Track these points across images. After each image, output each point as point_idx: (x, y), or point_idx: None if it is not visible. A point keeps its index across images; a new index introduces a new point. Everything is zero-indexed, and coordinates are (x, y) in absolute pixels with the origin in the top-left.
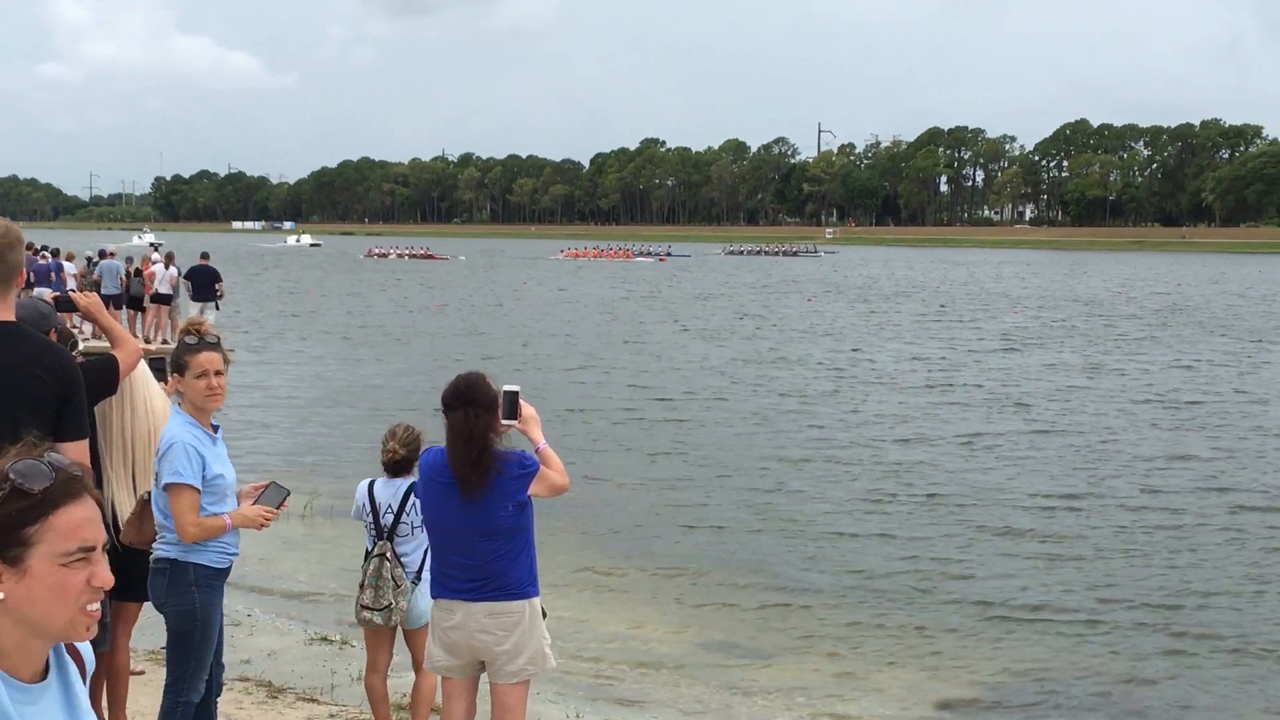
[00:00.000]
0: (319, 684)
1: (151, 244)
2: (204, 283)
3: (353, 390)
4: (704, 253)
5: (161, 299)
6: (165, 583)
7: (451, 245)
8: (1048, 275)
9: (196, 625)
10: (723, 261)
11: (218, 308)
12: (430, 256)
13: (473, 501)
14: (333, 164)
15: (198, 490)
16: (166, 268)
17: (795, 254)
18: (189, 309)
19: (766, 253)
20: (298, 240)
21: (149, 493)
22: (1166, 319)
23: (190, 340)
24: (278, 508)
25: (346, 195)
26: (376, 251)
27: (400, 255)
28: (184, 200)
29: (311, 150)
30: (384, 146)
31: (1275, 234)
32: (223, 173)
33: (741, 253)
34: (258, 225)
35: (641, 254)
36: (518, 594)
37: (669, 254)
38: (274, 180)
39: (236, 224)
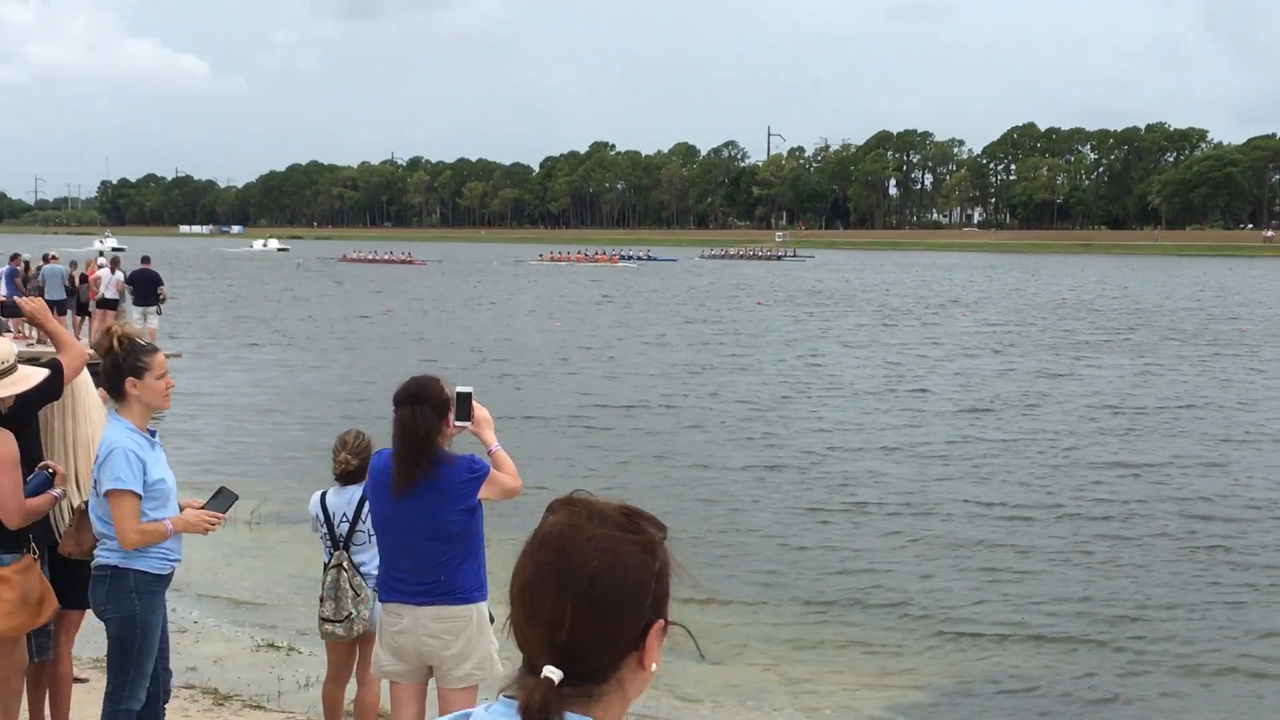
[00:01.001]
0: (265, 691)
1: (114, 249)
2: (145, 287)
3: (301, 395)
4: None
5: (107, 304)
6: (105, 590)
7: (407, 249)
8: (1007, 278)
9: (137, 632)
10: (700, 265)
11: (159, 312)
12: (408, 261)
13: (421, 503)
14: (281, 168)
15: (139, 496)
16: (112, 273)
17: (780, 258)
18: (132, 314)
19: (746, 257)
20: (264, 245)
21: (86, 502)
22: (1129, 322)
23: (142, 342)
24: (224, 512)
25: (295, 199)
26: (352, 256)
27: (376, 260)
28: (130, 204)
29: (259, 154)
30: (332, 150)
31: (1220, 237)
32: (170, 176)
33: (719, 256)
34: (205, 229)
35: (626, 258)
36: (465, 598)
37: (649, 258)
38: (221, 184)
39: (184, 228)
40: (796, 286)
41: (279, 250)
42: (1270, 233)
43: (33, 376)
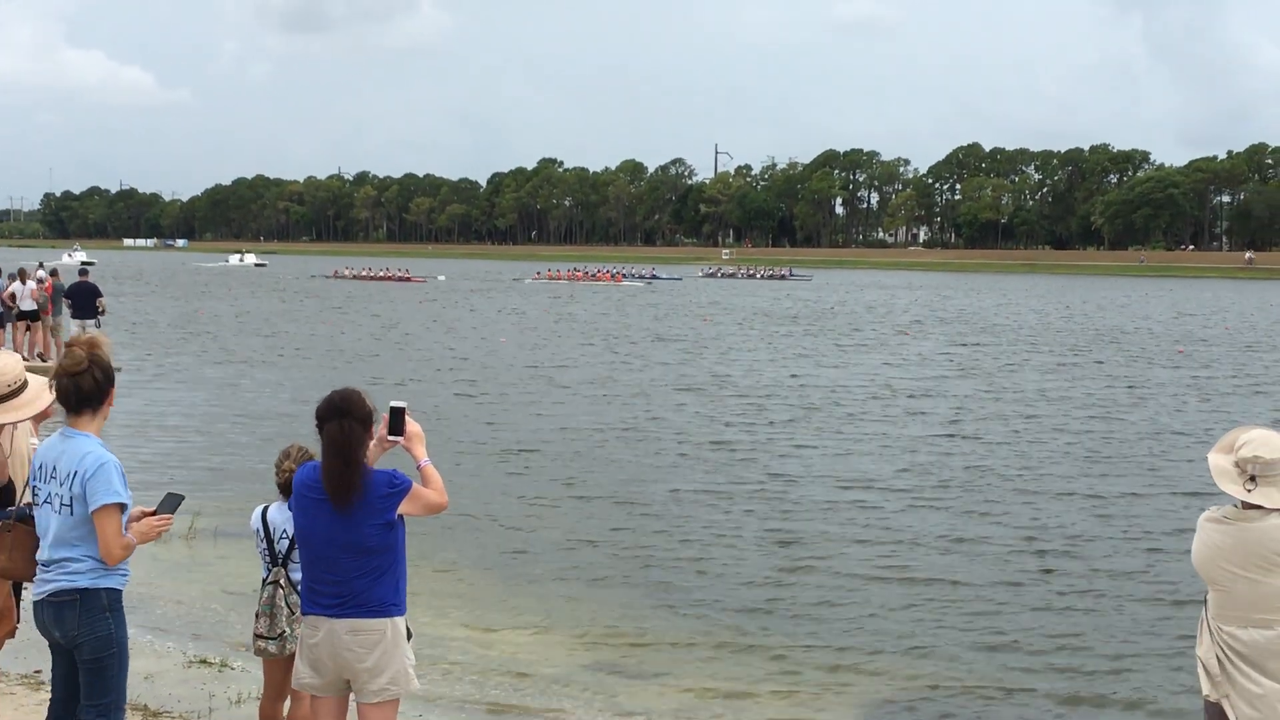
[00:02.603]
0: (197, 707)
1: (84, 262)
2: (85, 300)
3: (242, 409)
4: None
5: (27, 316)
6: (78, 614)
7: (404, 265)
8: (963, 298)
9: (114, 651)
10: (704, 285)
11: (99, 325)
12: (407, 279)
13: (340, 516)
14: (226, 181)
15: (126, 508)
16: (23, 283)
17: (784, 278)
18: (71, 327)
19: (749, 275)
20: (241, 259)
21: (9, 524)
22: (1081, 342)
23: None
24: (172, 513)
25: (240, 213)
26: (345, 273)
27: (372, 277)
28: (74, 217)
29: (205, 167)
30: (279, 164)
31: (1163, 257)
32: (114, 189)
33: (718, 275)
34: (149, 243)
35: (632, 277)
36: (380, 612)
37: (655, 276)
38: (166, 197)
39: (128, 241)
40: (800, 308)
41: (256, 265)
42: (1250, 255)
43: (43, 398)
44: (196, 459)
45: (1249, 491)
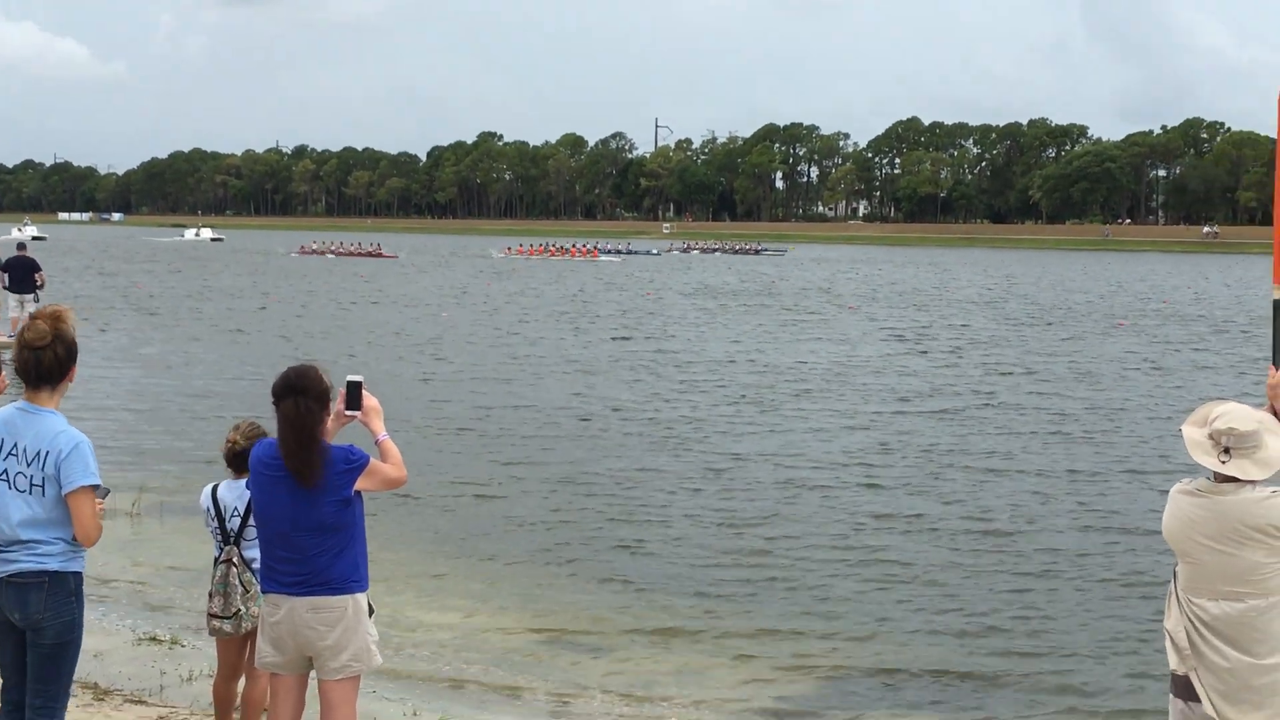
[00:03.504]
0: (148, 685)
1: (34, 237)
2: (22, 274)
3: (184, 385)
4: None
5: None
6: (45, 597)
7: (375, 240)
8: (906, 272)
9: (75, 637)
10: (674, 259)
11: (37, 300)
12: (378, 255)
13: (298, 493)
14: (163, 154)
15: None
16: None
17: (759, 252)
18: (9, 302)
19: (724, 251)
20: (197, 234)
21: None
22: (1028, 315)
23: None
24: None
25: (177, 187)
26: (311, 248)
27: (339, 253)
28: (7, 190)
29: (141, 140)
30: (216, 138)
31: (1099, 231)
32: (48, 163)
33: (692, 250)
34: (85, 217)
35: (608, 252)
36: (341, 589)
37: (629, 251)
38: (102, 170)
39: (63, 215)
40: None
41: (212, 240)
42: (1208, 229)
43: None
44: (141, 435)
45: (1223, 464)
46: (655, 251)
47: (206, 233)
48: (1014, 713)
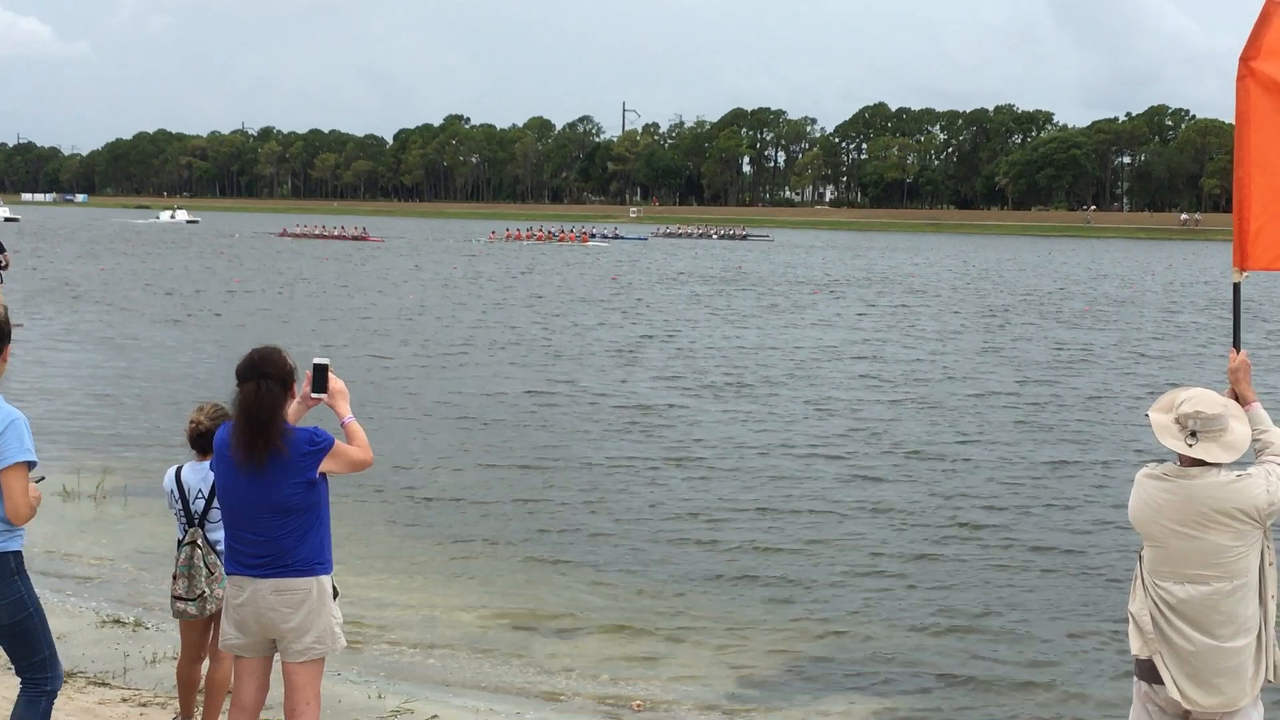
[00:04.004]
0: (111, 667)
1: (6, 218)
2: None
3: (147, 368)
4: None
5: None
6: None
7: (359, 224)
8: (876, 257)
9: (31, 611)
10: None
11: (0, 280)
12: (363, 238)
13: (261, 475)
14: (128, 135)
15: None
16: None
17: (743, 237)
18: None
19: (705, 235)
20: (172, 216)
21: None
22: (997, 302)
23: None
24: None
25: (142, 168)
26: (294, 231)
27: (324, 236)
28: None
29: (105, 121)
30: (181, 118)
31: (1064, 217)
32: (11, 143)
33: (676, 235)
34: (49, 198)
35: (595, 237)
36: (305, 571)
37: (617, 236)
38: (66, 151)
39: (26, 196)
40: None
41: (188, 222)
42: (1186, 216)
43: None
44: (105, 416)
45: (1190, 447)
46: (644, 237)
47: (182, 214)
48: (981, 698)
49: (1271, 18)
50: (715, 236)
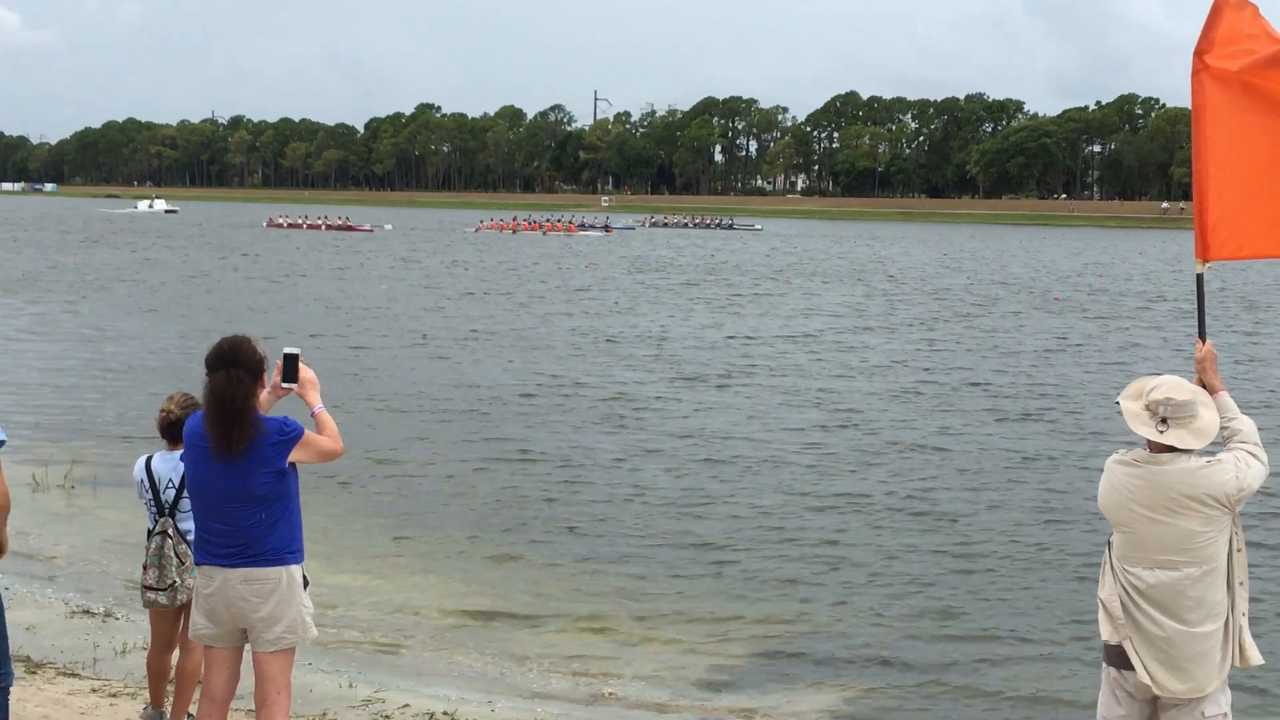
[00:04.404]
0: (81, 658)
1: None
2: None
3: (116, 357)
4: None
5: None
6: None
7: (343, 214)
8: (849, 246)
9: None
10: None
11: None
12: (350, 228)
13: (230, 465)
14: (96, 124)
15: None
16: None
17: (731, 227)
18: None
19: (696, 225)
20: (150, 206)
21: None
22: (976, 289)
23: None
24: None
25: (111, 157)
26: (279, 221)
27: (309, 225)
28: None
29: (74, 110)
30: (150, 107)
31: (1035, 206)
32: None
33: (665, 225)
34: (17, 187)
35: (586, 227)
36: (275, 560)
37: (607, 226)
38: (34, 140)
39: None
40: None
41: (166, 212)
42: (1167, 205)
43: None
44: (75, 408)
45: (1161, 433)
46: (633, 226)
47: (160, 204)
48: (952, 687)
49: (1222, 13)
50: (708, 226)
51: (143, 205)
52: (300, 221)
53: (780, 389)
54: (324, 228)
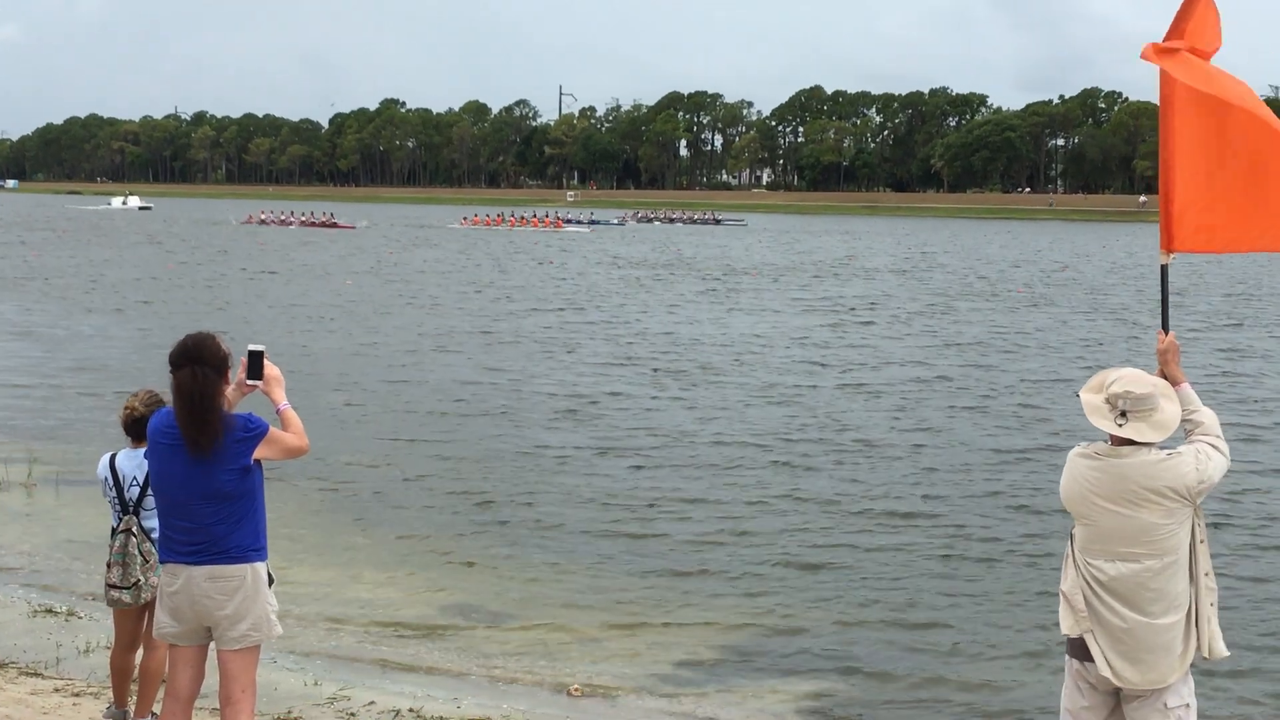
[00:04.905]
0: (44, 657)
1: None
2: None
3: (78, 355)
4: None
5: None
6: None
7: (327, 210)
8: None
9: None
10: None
11: None
12: (332, 225)
13: (195, 462)
14: (58, 120)
15: None
16: None
17: (717, 222)
18: None
19: (681, 220)
20: (124, 202)
21: None
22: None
23: None
24: None
25: (73, 153)
26: (261, 217)
27: (288, 223)
28: None
29: (35, 105)
30: (113, 103)
31: (999, 199)
32: None
33: (650, 220)
34: None
35: (571, 222)
36: (239, 558)
37: (592, 221)
38: None
39: None
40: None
41: (140, 209)
42: (1145, 198)
43: None
44: (38, 406)
45: (1120, 426)
46: (618, 222)
47: (134, 200)
48: (915, 680)
49: (1195, 6)
50: (695, 221)
51: (116, 202)
52: (281, 218)
53: (747, 385)
54: (298, 224)
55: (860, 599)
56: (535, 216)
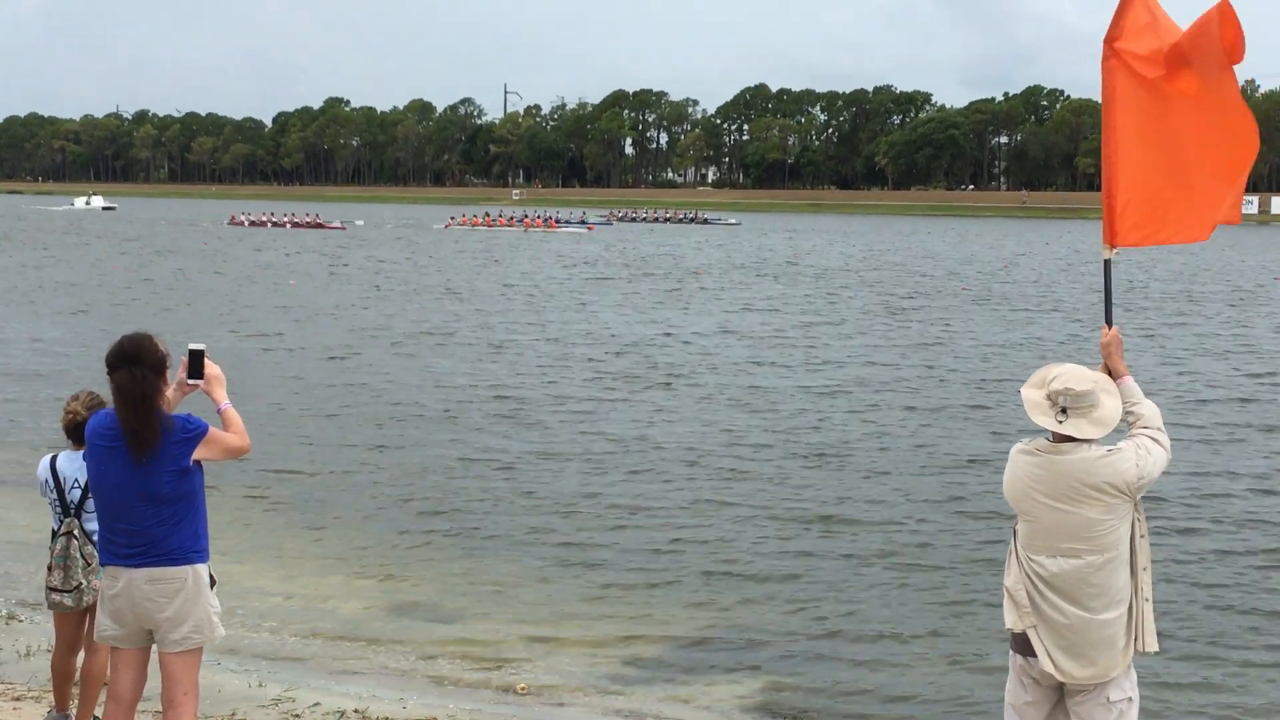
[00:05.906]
0: None
1: None
2: None
3: (29, 357)
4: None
5: None
6: None
7: (313, 211)
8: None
9: None
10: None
11: None
12: (320, 225)
13: (134, 464)
14: None
15: None
16: None
17: (706, 222)
18: None
19: (660, 220)
20: (87, 203)
21: None
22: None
23: None
24: None
25: (13, 153)
26: (243, 218)
27: (275, 223)
28: None
29: None
30: (53, 102)
31: (943, 196)
32: None
33: (634, 219)
34: None
35: (567, 223)
36: (180, 560)
37: (584, 221)
38: None
39: None
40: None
41: (104, 209)
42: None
43: None
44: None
45: (1060, 423)
46: (607, 221)
47: (98, 200)
48: (861, 678)
49: (1133, 2)
50: (679, 221)
51: (79, 202)
52: (266, 219)
53: (699, 391)
54: (289, 225)
55: (806, 598)
56: (528, 217)
